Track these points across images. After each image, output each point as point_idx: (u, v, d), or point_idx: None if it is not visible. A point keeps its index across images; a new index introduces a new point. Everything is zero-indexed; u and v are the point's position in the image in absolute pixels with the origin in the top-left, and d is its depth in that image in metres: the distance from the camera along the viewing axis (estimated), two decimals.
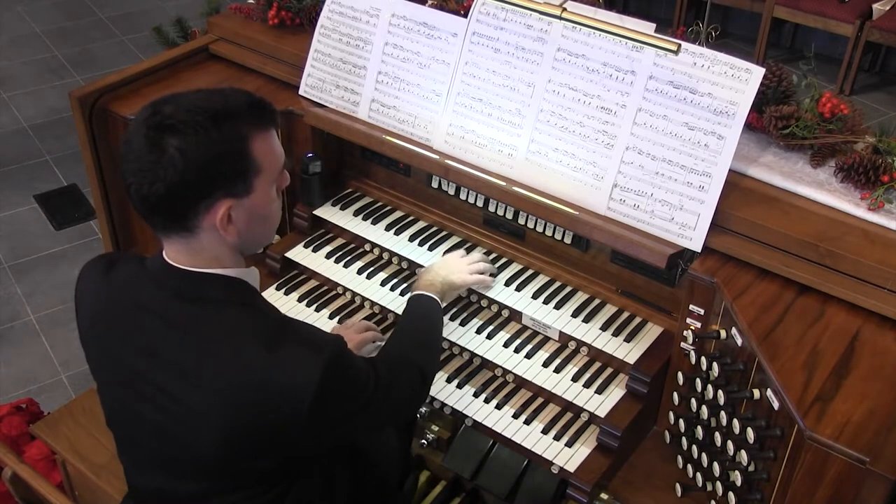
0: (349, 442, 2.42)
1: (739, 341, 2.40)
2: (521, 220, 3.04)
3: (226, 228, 2.02)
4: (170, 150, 1.91)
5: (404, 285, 3.09)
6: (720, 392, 2.45)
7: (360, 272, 3.15)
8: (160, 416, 2.08)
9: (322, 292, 3.20)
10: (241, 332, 2.02)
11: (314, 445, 2.14)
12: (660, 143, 2.65)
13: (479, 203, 3.12)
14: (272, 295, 3.18)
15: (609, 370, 2.80)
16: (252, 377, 1.96)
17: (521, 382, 2.84)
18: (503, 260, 3.08)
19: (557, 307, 2.89)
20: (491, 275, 2.96)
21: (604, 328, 2.82)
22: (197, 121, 1.93)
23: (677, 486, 2.64)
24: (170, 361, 2.04)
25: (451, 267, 2.87)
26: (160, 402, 2.07)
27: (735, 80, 2.56)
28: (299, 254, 3.26)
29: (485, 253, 3.10)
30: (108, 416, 2.29)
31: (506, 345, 2.87)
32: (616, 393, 2.72)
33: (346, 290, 3.15)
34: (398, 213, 3.30)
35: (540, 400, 2.81)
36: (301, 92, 3.31)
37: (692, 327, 2.61)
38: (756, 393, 2.32)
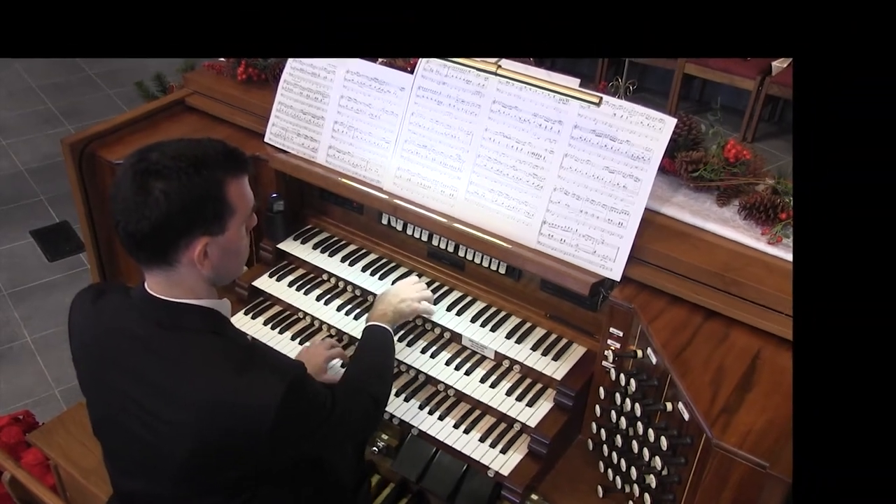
0: (312, 457, 2.39)
1: (654, 360, 2.39)
2: (462, 253, 3.03)
3: (202, 263, 2.03)
4: (155, 192, 1.93)
5: (358, 310, 3.06)
6: (637, 405, 2.43)
7: (318, 299, 3.12)
8: (141, 429, 2.07)
9: (285, 317, 3.16)
10: (213, 358, 2.03)
11: (277, 460, 2.11)
12: (584, 184, 2.65)
13: (424, 238, 3.10)
14: (241, 319, 3.13)
15: (539, 385, 2.78)
16: (222, 398, 1.97)
17: (460, 396, 2.81)
18: (445, 288, 3.06)
19: (493, 330, 2.87)
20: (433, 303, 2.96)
21: (534, 348, 2.80)
22: (180, 167, 1.95)
23: (599, 488, 2.61)
24: (150, 382, 2.04)
25: (401, 294, 2.85)
26: (141, 417, 2.06)
27: (650, 129, 2.56)
28: (265, 282, 3.22)
29: (428, 282, 3.07)
30: (95, 428, 2.29)
31: (447, 363, 2.84)
32: (545, 406, 2.70)
33: (306, 314, 3.12)
34: (352, 247, 3.27)
35: (478, 412, 2.78)
36: (266, 139, 3.27)
37: (612, 347, 2.60)
38: (669, 406, 2.31)
